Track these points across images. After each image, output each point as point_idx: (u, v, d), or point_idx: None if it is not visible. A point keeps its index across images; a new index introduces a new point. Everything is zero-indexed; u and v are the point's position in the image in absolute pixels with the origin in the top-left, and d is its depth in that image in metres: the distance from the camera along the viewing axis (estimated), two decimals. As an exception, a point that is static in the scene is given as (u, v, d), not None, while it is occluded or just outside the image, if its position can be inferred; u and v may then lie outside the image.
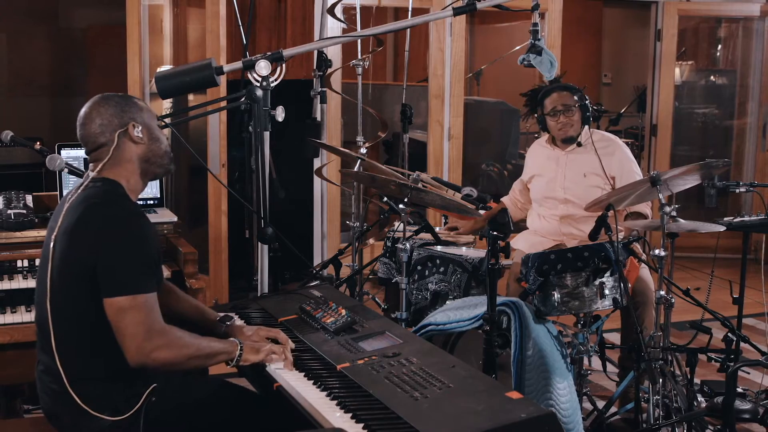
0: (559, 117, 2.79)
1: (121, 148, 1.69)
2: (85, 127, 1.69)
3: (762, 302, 2.91)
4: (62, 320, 1.61)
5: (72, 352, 1.61)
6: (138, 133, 1.70)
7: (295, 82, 3.85)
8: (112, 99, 1.71)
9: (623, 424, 2.62)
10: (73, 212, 1.63)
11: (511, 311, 2.14)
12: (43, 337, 1.67)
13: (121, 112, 1.69)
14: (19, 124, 4.07)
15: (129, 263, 1.58)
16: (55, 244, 1.62)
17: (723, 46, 5.59)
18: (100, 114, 1.68)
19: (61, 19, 5.57)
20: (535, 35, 2.13)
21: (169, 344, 1.58)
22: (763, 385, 2.71)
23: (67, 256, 1.61)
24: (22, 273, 2.22)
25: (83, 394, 1.59)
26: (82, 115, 1.71)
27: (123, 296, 1.55)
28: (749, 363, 2.59)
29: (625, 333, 2.74)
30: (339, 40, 3.10)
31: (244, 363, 1.69)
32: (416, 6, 4.19)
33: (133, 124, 1.70)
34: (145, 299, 1.57)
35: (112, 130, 1.68)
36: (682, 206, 2.47)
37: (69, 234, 1.61)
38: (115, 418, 1.59)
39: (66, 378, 1.58)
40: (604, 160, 2.73)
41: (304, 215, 4.31)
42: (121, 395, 1.62)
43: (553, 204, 2.86)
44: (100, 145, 1.69)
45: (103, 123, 1.68)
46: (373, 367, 1.63)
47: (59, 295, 1.61)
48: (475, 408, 1.42)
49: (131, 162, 1.71)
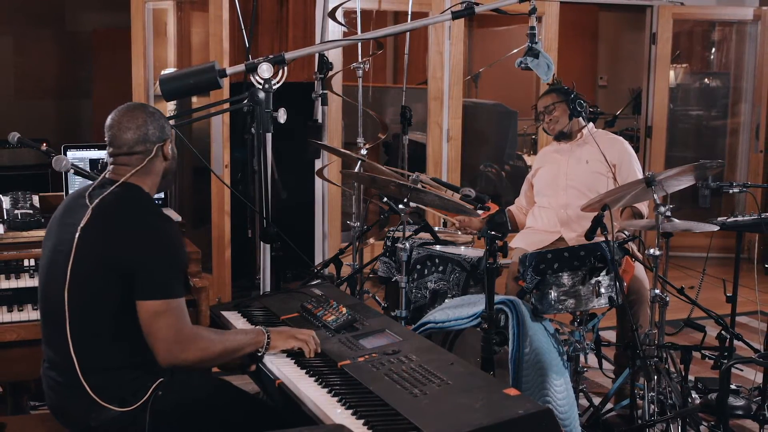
0: (544, 118, 2.92)
1: (153, 161, 1.76)
2: (123, 131, 1.72)
3: (755, 300, 2.95)
4: (80, 310, 1.64)
5: (87, 342, 1.64)
6: (170, 150, 1.79)
7: (296, 85, 3.87)
8: (155, 112, 1.78)
9: (619, 420, 2.63)
10: (104, 211, 1.66)
11: (508, 309, 2.15)
12: (51, 330, 1.69)
13: (161, 127, 1.76)
14: (25, 126, 4.10)
15: (165, 269, 1.64)
16: (80, 238, 1.64)
17: (717, 50, 5.62)
18: (143, 123, 1.73)
19: (68, 22, 5.60)
20: (533, 39, 2.15)
21: (198, 346, 1.64)
22: (756, 382, 2.72)
23: (98, 252, 1.63)
24: (29, 272, 2.21)
25: (94, 385, 1.63)
26: (119, 118, 1.74)
27: (158, 300, 1.61)
28: (742, 360, 2.60)
29: (621, 331, 2.75)
30: (340, 44, 3.13)
31: (273, 350, 1.74)
32: (416, 10, 4.21)
33: (170, 141, 1.79)
34: (178, 304, 1.63)
35: (152, 142, 1.74)
36: (676, 206, 2.47)
37: (103, 232, 1.64)
38: (123, 409, 1.62)
39: (78, 367, 1.61)
40: (606, 150, 2.78)
41: (306, 215, 4.32)
42: (130, 387, 1.65)
43: (554, 191, 2.89)
44: (135, 152, 1.73)
45: (145, 133, 1.73)
46: (373, 364, 1.65)
47: (81, 286, 1.64)
48: (473, 404, 1.44)
49: (156, 175, 1.78)
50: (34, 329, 2.11)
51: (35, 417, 2.20)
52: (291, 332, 1.79)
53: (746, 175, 5.13)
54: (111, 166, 1.76)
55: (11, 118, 4.69)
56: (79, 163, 2.28)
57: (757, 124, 5.13)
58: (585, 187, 2.81)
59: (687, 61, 5.64)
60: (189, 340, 1.64)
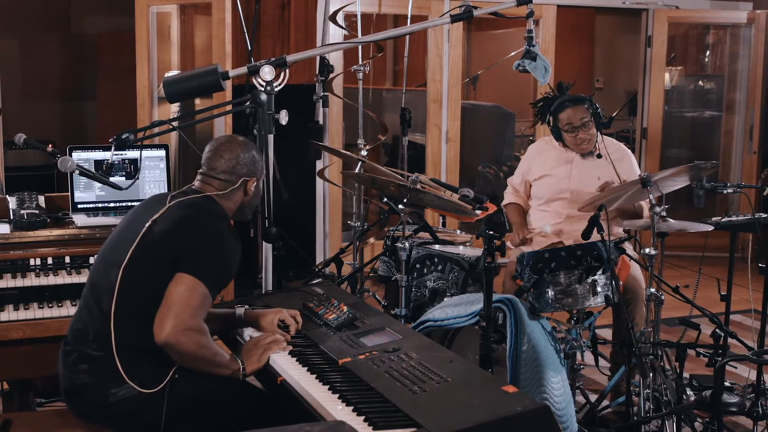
0: (578, 133, 2.75)
1: (235, 192, 1.89)
2: (218, 157, 1.88)
3: (749, 299, 2.97)
4: (129, 290, 1.71)
5: (126, 320, 1.70)
6: (253, 188, 1.92)
7: (298, 87, 3.90)
8: (253, 148, 1.92)
9: (615, 417, 2.65)
10: (179, 210, 1.78)
11: (506, 308, 2.16)
12: (93, 302, 1.76)
13: (253, 164, 1.91)
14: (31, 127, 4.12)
15: (214, 261, 1.74)
16: (149, 228, 1.75)
17: (711, 52, 5.64)
18: (238, 155, 1.88)
19: (73, 26, 5.63)
20: (530, 41, 2.15)
21: (198, 340, 1.68)
22: (750, 379, 2.73)
23: (164, 239, 1.74)
24: (35, 271, 2.23)
25: (123, 360, 1.68)
26: (219, 146, 1.89)
27: (194, 277, 1.68)
28: (736, 358, 2.61)
29: (617, 329, 2.76)
30: (340, 46, 3.17)
31: (250, 375, 1.79)
32: (415, 13, 4.25)
33: (256, 179, 1.92)
34: (206, 293, 1.70)
35: (240, 175, 1.89)
36: (671, 206, 2.48)
37: (172, 226, 1.75)
38: (145, 390, 1.67)
39: (114, 342, 1.68)
40: (617, 165, 2.71)
41: (307, 215, 4.35)
42: (151, 368, 1.70)
43: (561, 204, 2.85)
44: (222, 179, 1.88)
45: (237, 164, 1.88)
46: (373, 361, 1.65)
47: (139, 266, 1.72)
48: (472, 401, 1.44)
49: (235, 204, 1.91)
50: (40, 327, 2.14)
51: (41, 414, 2.23)
52: (257, 348, 1.80)
53: (740, 176, 5.16)
54: (198, 181, 1.91)
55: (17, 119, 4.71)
56: (84, 164, 2.30)
57: (750, 125, 5.16)
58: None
59: (682, 64, 5.67)
60: (195, 329, 1.67)
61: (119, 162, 2.53)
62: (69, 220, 2.43)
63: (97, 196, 2.55)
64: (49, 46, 5.54)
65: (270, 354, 1.79)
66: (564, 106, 2.79)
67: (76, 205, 2.52)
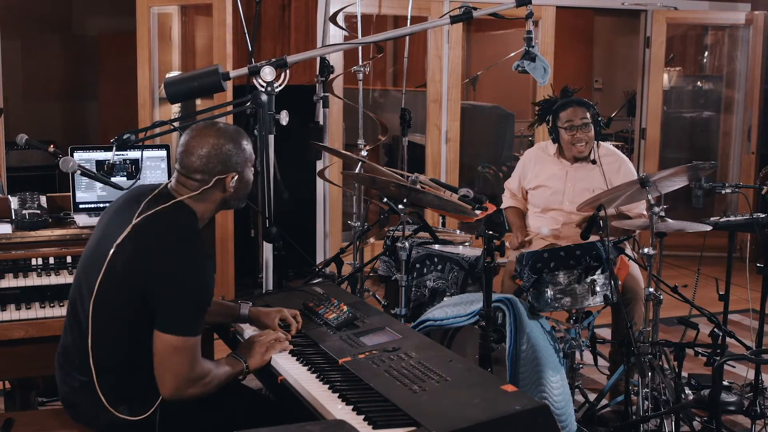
0: (576, 132, 2.77)
1: (211, 191, 1.70)
2: (189, 154, 1.68)
3: (747, 299, 2.98)
4: (105, 318, 1.64)
5: (107, 345, 1.65)
6: (233, 183, 1.71)
7: (298, 88, 3.91)
8: (227, 138, 1.69)
9: (613, 416, 2.65)
10: (145, 232, 1.63)
11: (506, 307, 2.17)
12: (73, 321, 1.71)
13: (227, 159, 1.68)
14: (33, 128, 4.14)
15: (189, 307, 1.61)
16: (116, 253, 1.62)
17: (709, 53, 5.66)
18: (209, 151, 1.67)
19: (74, 27, 5.65)
20: (529, 42, 2.15)
21: (203, 382, 1.65)
22: (748, 378, 2.75)
23: (129, 271, 1.61)
24: (36, 271, 2.21)
25: (105, 386, 1.64)
26: (189, 141, 1.69)
27: (176, 336, 1.59)
28: (734, 357, 2.63)
29: (616, 328, 2.77)
30: (341, 47, 3.17)
31: (252, 371, 1.77)
32: (415, 14, 4.26)
33: (233, 174, 1.70)
34: (194, 342, 1.62)
35: (214, 173, 1.68)
36: (670, 206, 2.49)
37: (138, 254, 1.61)
38: (133, 418, 1.63)
39: (94, 371, 1.62)
40: (611, 176, 2.72)
41: (307, 215, 4.36)
42: (139, 394, 1.66)
43: (558, 213, 2.88)
44: (195, 179, 1.69)
45: (208, 163, 1.67)
46: (373, 361, 1.65)
47: (108, 298, 1.64)
48: (471, 400, 1.44)
49: (212, 203, 1.72)
50: (41, 327, 2.13)
51: (43, 413, 2.22)
52: (260, 346, 1.78)
53: (738, 176, 5.17)
54: (174, 179, 1.73)
55: (19, 120, 4.73)
56: (85, 164, 2.30)
57: (749, 125, 5.17)
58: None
59: (680, 65, 5.68)
60: (198, 378, 1.64)
61: (120, 162, 2.54)
62: (71, 220, 2.43)
63: (98, 197, 2.56)
64: (50, 46, 5.56)
65: (273, 353, 1.78)
66: (567, 104, 2.82)
67: (77, 205, 2.53)
